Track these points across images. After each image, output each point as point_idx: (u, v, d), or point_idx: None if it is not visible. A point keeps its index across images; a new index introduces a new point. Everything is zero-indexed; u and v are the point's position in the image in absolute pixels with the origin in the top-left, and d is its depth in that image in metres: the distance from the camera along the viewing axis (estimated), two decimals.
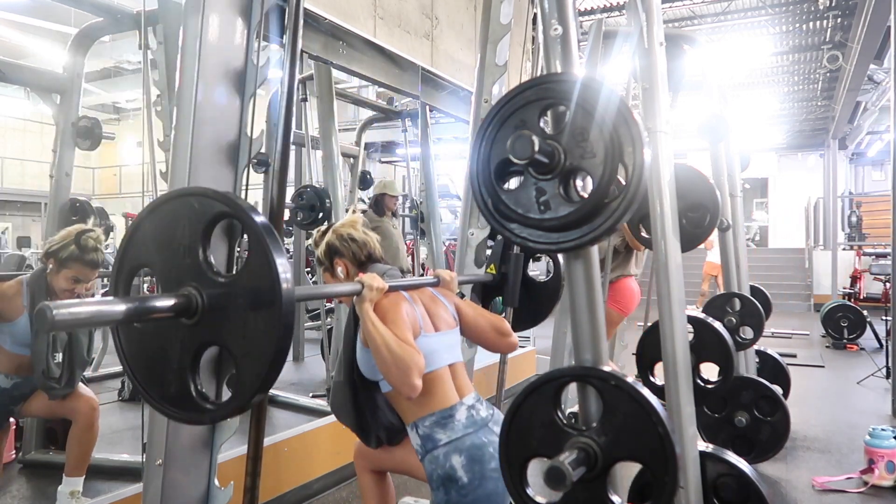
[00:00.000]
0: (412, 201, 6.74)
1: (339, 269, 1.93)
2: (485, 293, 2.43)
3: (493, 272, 2.38)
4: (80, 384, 2.72)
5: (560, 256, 2.20)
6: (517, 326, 2.32)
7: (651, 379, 2.90)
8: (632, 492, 2.03)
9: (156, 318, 1.14)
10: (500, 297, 2.41)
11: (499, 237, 2.45)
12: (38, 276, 2.57)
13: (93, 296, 2.90)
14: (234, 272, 1.15)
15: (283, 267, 1.08)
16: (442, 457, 1.69)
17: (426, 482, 1.78)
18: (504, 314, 2.36)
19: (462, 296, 2.12)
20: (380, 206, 5.49)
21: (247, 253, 1.13)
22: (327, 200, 4.29)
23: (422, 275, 7.00)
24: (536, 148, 1.13)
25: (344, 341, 1.85)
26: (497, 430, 1.74)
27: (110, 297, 1.08)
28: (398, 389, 1.62)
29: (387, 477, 2.09)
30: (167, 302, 1.11)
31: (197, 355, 1.16)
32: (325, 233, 2.00)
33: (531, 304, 2.39)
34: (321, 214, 4.40)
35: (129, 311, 1.05)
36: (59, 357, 2.57)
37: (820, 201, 13.01)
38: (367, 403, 1.84)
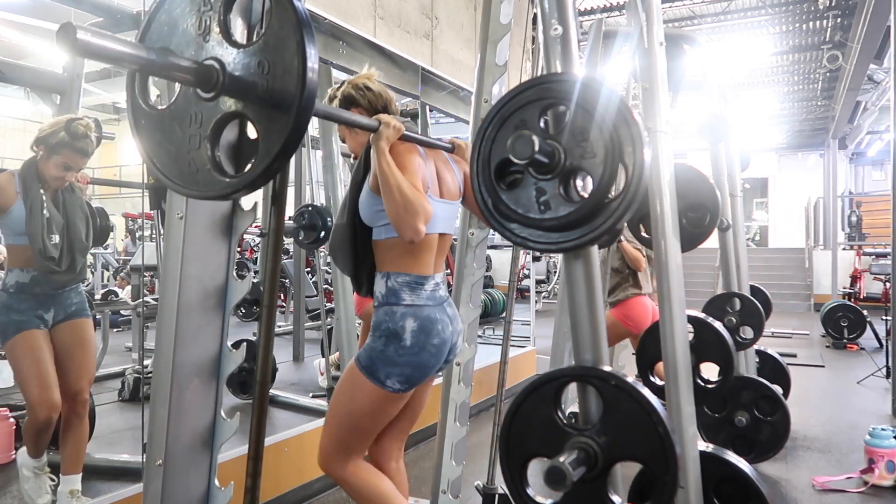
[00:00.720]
0: None
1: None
2: None
3: None
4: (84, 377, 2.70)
5: (560, 256, 2.19)
6: None
7: (651, 379, 2.90)
8: (632, 492, 2.03)
9: (175, 77, 1.13)
10: None
11: None
12: (29, 163, 2.56)
13: (85, 186, 2.87)
14: (255, 40, 1.11)
15: (307, 29, 1.06)
16: (399, 315, 1.76)
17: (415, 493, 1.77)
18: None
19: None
20: None
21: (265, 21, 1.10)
22: (329, 219, 4.30)
23: None
24: (536, 148, 1.13)
25: (350, 185, 1.85)
26: (449, 311, 1.86)
27: (137, 43, 1.08)
28: (402, 233, 1.65)
29: (367, 464, 1.92)
30: (187, 63, 1.11)
31: (217, 129, 1.14)
32: (340, 87, 1.99)
33: None
34: (322, 234, 4.42)
35: (150, 60, 1.06)
36: (56, 238, 2.55)
37: (820, 201, 13.01)
38: (363, 248, 1.84)
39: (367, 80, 1.96)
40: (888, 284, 8.56)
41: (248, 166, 1.17)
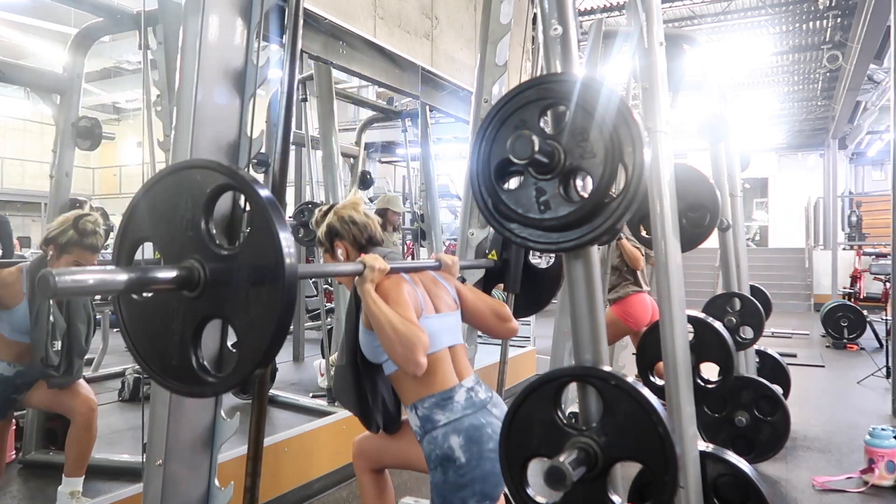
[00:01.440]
0: (413, 214, 6.75)
1: (340, 252, 1.93)
2: (486, 280, 2.43)
3: (495, 258, 2.37)
4: (82, 383, 2.72)
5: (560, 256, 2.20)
6: (518, 313, 2.32)
7: (651, 379, 2.90)
8: (632, 492, 2.03)
9: (157, 290, 1.14)
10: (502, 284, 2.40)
11: None
12: (38, 263, 2.58)
13: None
14: (237, 245, 1.13)
15: (287, 241, 1.07)
16: (440, 437, 1.70)
17: (425, 472, 1.78)
18: (506, 300, 2.36)
19: (463, 280, 2.12)
20: (382, 221, 5.44)
21: (249, 228, 1.13)
22: None
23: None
24: (536, 148, 1.13)
25: (346, 325, 1.85)
26: (496, 412, 1.78)
27: (113, 267, 1.08)
28: (403, 368, 1.63)
29: (386, 476, 2.09)
30: (169, 274, 1.11)
31: (199, 328, 1.15)
32: (326, 213, 1.99)
33: (532, 291, 2.39)
34: None
35: (130, 281, 1.05)
36: (59, 345, 2.57)
37: (820, 201, 13.01)
38: (369, 387, 1.83)
39: (353, 210, 1.94)
40: (888, 284, 8.55)
41: (231, 367, 1.18)
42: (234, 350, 1.14)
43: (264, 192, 1.11)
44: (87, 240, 2.51)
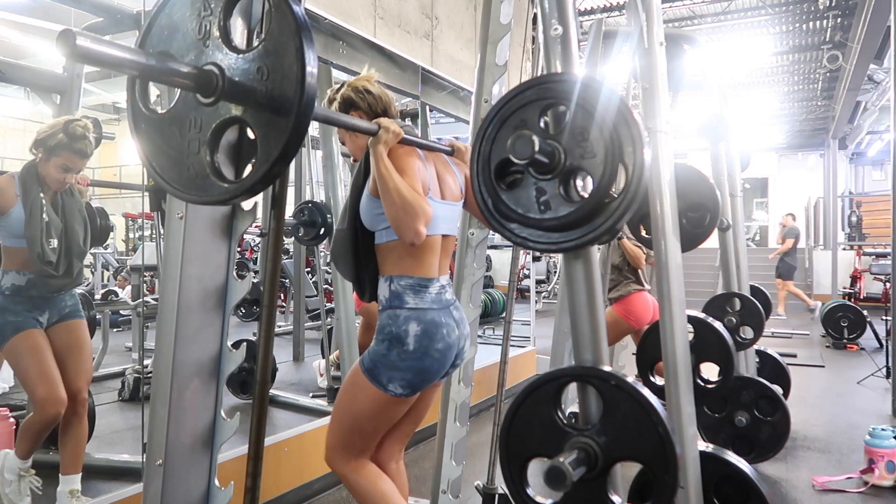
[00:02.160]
0: None
1: None
2: None
3: None
4: (84, 371, 2.69)
5: (560, 256, 2.19)
6: None
7: (651, 379, 2.90)
8: (632, 492, 2.03)
9: (174, 82, 1.13)
10: None
11: None
12: (29, 166, 2.56)
13: (85, 188, 2.87)
14: (254, 46, 1.11)
15: (308, 38, 1.06)
16: (402, 318, 1.74)
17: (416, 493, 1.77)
18: None
19: None
20: None
21: (265, 32, 1.11)
22: (328, 216, 4.30)
23: None
24: (536, 148, 1.13)
25: (351, 190, 1.84)
26: (455, 315, 1.83)
27: (137, 49, 1.08)
28: (402, 235, 1.65)
29: (371, 465, 1.92)
30: (187, 68, 1.11)
31: (217, 133, 1.14)
32: (339, 88, 1.97)
33: None
34: (322, 230, 4.42)
35: (150, 66, 1.05)
36: (55, 243, 2.55)
37: (820, 201, 13.01)
38: (365, 254, 1.83)
39: (367, 82, 1.94)
40: (888, 284, 8.56)
41: (248, 171, 1.17)
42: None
43: None
44: (76, 143, 2.50)
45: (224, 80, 1.11)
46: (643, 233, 3.10)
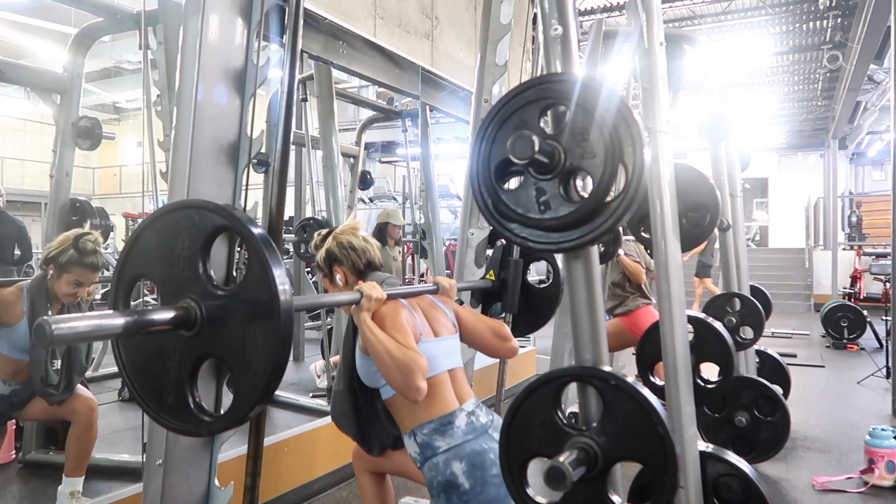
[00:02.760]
0: (415, 226, 6.75)
1: (338, 277, 1.93)
2: (484, 299, 2.43)
3: (493, 278, 2.38)
4: (79, 386, 2.72)
5: (559, 257, 2.19)
6: (517, 332, 2.32)
7: (651, 379, 2.90)
8: (632, 492, 2.03)
9: (155, 331, 1.14)
10: (500, 303, 2.40)
11: (499, 243, 2.45)
12: (38, 282, 2.58)
13: (92, 303, 2.90)
14: (234, 284, 1.15)
15: (281, 279, 1.09)
16: (442, 464, 1.68)
17: (422, 483, 1.78)
18: (504, 320, 2.36)
19: (461, 303, 2.12)
20: (382, 235, 5.37)
21: (246, 265, 1.14)
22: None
23: (422, 282, 7.00)
24: (536, 148, 1.12)
25: (343, 350, 1.85)
26: (496, 436, 1.74)
27: (109, 311, 1.09)
28: (403, 394, 1.62)
29: (386, 478, 2.09)
30: (166, 315, 1.12)
31: (195, 367, 1.16)
32: (325, 237, 2.00)
33: (530, 310, 2.39)
34: None
35: (128, 324, 1.05)
36: (58, 364, 2.58)
37: (820, 201, 13.01)
38: (367, 412, 1.83)
39: (352, 235, 1.95)
40: (888, 285, 8.55)
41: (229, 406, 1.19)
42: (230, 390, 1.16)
43: (258, 232, 1.12)
44: (87, 259, 2.52)
45: (202, 314, 1.14)
46: (643, 233, 3.10)
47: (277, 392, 4.42)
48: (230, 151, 1.80)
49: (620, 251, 3.81)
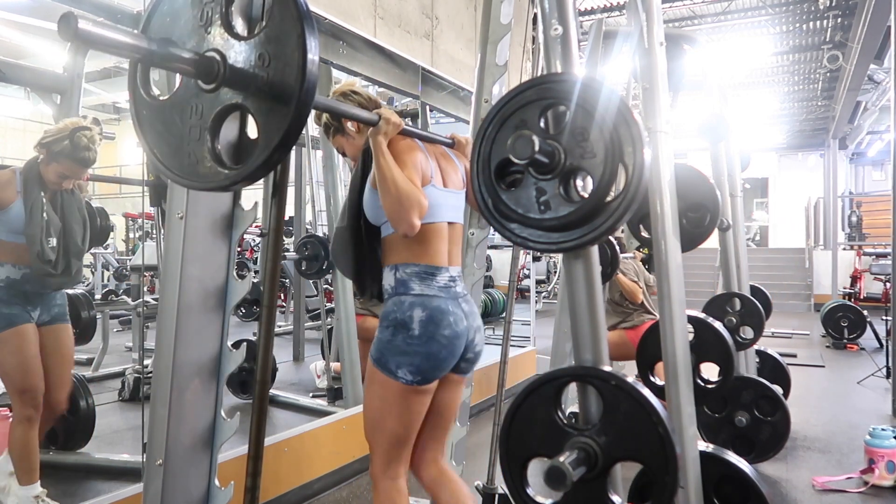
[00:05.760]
0: None
1: (349, 124, 1.92)
2: None
3: None
4: (65, 381, 2.69)
5: (560, 256, 2.19)
6: None
7: (651, 379, 2.90)
8: (632, 492, 2.03)
9: (175, 68, 1.14)
10: None
11: None
12: (31, 164, 2.57)
13: (87, 200, 2.89)
14: (255, 32, 1.11)
15: (309, 25, 1.07)
16: (407, 304, 1.73)
17: (416, 493, 1.74)
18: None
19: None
20: None
21: (267, 17, 1.11)
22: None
23: None
24: (537, 148, 1.13)
25: (350, 186, 1.85)
26: (465, 307, 1.81)
27: (139, 33, 1.09)
28: (397, 225, 1.66)
29: (404, 486, 1.90)
30: (189, 55, 1.12)
31: (217, 121, 1.14)
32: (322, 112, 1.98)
33: None
34: (325, 265, 4.44)
35: (152, 51, 1.06)
36: (54, 242, 2.55)
37: (820, 201, 13.01)
38: (367, 251, 1.83)
39: (350, 86, 1.95)
40: (888, 284, 8.56)
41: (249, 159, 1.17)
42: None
43: None
44: (78, 153, 2.50)
45: (225, 66, 1.11)
46: (643, 233, 3.10)
47: (277, 392, 4.45)
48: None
49: (619, 270, 3.84)
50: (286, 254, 4.74)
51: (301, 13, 1.06)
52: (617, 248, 3.27)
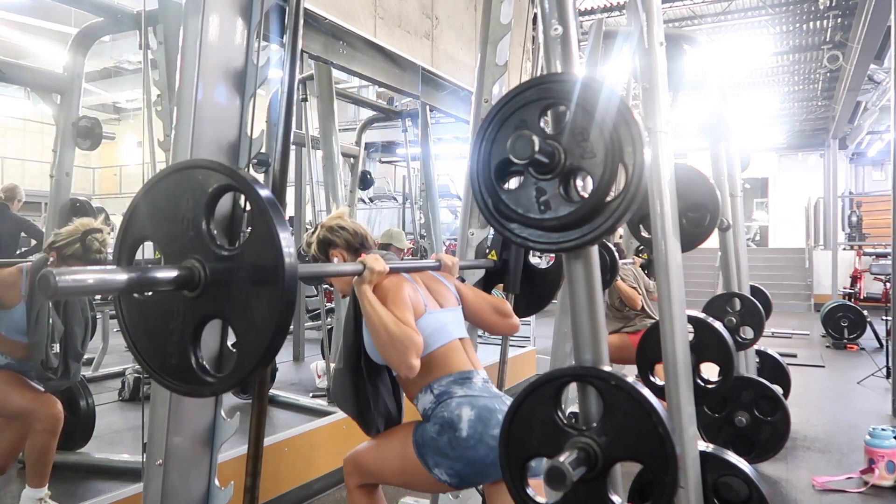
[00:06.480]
0: (417, 242, 6.74)
1: (336, 260, 1.93)
2: (486, 280, 2.44)
3: (495, 259, 2.38)
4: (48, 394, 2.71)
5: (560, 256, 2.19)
6: (519, 312, 2.31)
7: (651, 379, 2.90)
8: (632, 492, 2.03)
9: (158, 290, 1.14)
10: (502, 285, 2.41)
11: None
12: (38, 266, 2.58)
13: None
14: (239, 245, 1.13)
15: (287, 241, 1.08)
16: (454, 405, 1.69)
17: (420, 489, 1.77)
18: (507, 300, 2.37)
19: (463, 280, 2.13)
20: None
21: (250, 228, 1.13)
22: None
23: None
24: (537, 148, 1.12)
25: (345, 328, 1.85)
26: (508, 403, 1.75)
27: (113, 267, 1.09)
28: (396, 369, 1.65)
29: (378, 491, 2.00)
30: (169, 274, 1.11)
31: (198, 328, 1.16)
32: (314, 232, 2.01)
33: (532, 291, 2.39)
34: None
35: (131, 280, 1.05)
36: (57, 348, 2.58)
37: (820, 201, 13.01)
38: (370, 390, 1.83)
39: (340, 219, 1.96)
40: (888, 285, 8.55)
41: (230, 366, 1.18)
42: (234, 350, 1.15)
43: (265, 193, 1.11)
44: (89, 256, 2.52)
45: (206, 275, 1.13)
46: (643, 233, 3.10)
47: (277, 392, 4.45)
48: (230, 151, 1.80)
49: (618, 276, 3.84)
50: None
51: (276, 232, 1.08)
52: (616, 254, 3.28)
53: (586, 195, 1.18)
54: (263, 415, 1.82)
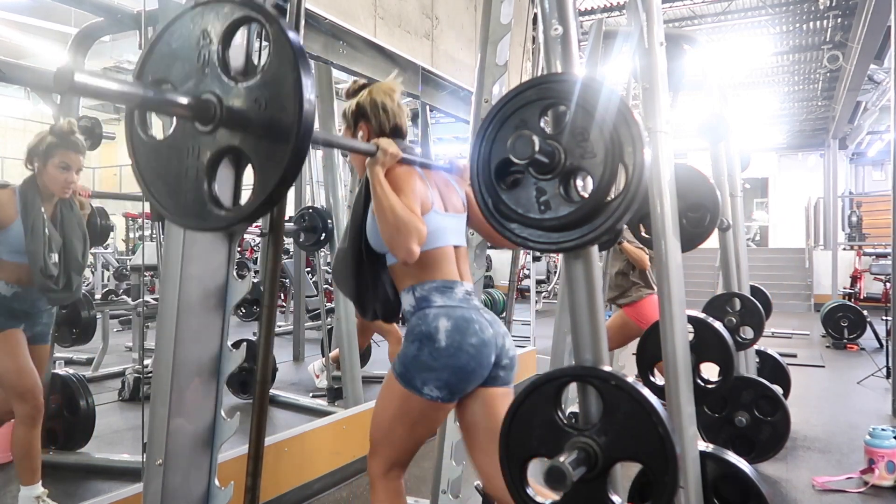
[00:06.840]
0: None
1: (361, 134, 1.90)
2: None
3: None
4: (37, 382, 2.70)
5: (560, 256, 2.19)
6: None
7: (651, 379, 2.90)
8: (632, 492, 2.03)
9: (172, 112, 1.13)
10: None
11: None
12: (29, 181, 2.59)
13: (91, 210, 2.93)
14: (254, 77, 1.12)
15: (306, 70, 1.06)
16: (431, 316, 1.71)
17: (416, 493, 1.75)
18: None
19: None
20: None
21: (266, 61, 1.11)
22: (329, 221, 4.32)
23: None
24: (537, 148, 1.13)
25: (353, 210, 1.85)
26: (486, 316, 1.80)
27: (133, 81, 1.09)
28: (396, 254, 1.65)
29: (400, 484, 1.93)
30: (184, 99, 1.11)
31: (214, 162, 1.14)
32: (361, 88, 1.94)
33: None
34: (323, 235, 4.43)
35: (146, 96, 1.06)
36: (56, 257, 2.56)
37: (820, 201, 13.01)
38: (369, 274, 1.83)
39: (388, 96, 1.90)
40: (888, 285, 8.56)
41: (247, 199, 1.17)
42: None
43: (284, 23, 1.09)
44: (66, 138, 2.52)
45: (222, 108, 1.11)
46: (643, 233, 3.10)
47: (277, 392, 4.45)
48: None
49: (623, 238, 3.77)
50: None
51: (297, 57, 1.06)
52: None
53: (586, 195, 1.18)
54: (264, 414, 1.82)
